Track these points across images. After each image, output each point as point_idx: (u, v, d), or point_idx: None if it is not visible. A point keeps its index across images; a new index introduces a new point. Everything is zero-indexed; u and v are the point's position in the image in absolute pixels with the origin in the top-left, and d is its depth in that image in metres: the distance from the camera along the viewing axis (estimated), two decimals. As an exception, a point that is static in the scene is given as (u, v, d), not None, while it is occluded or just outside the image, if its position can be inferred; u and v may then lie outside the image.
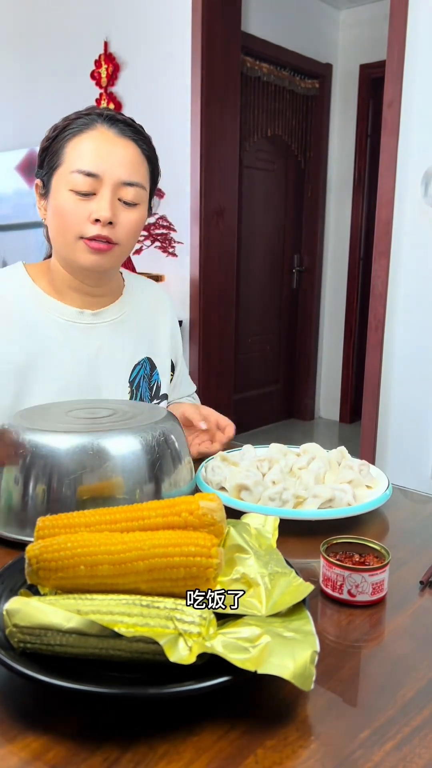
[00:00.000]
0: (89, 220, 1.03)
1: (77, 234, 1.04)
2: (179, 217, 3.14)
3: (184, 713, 0.54)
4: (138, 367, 1.21)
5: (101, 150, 1.03)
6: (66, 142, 1.04)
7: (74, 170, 1.02)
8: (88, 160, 1.02)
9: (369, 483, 0.98)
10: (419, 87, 2.34)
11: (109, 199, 1.03)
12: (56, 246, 1.09)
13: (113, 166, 1.03)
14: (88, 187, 1.02)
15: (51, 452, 0.80)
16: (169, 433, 0.88)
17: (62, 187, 1.03)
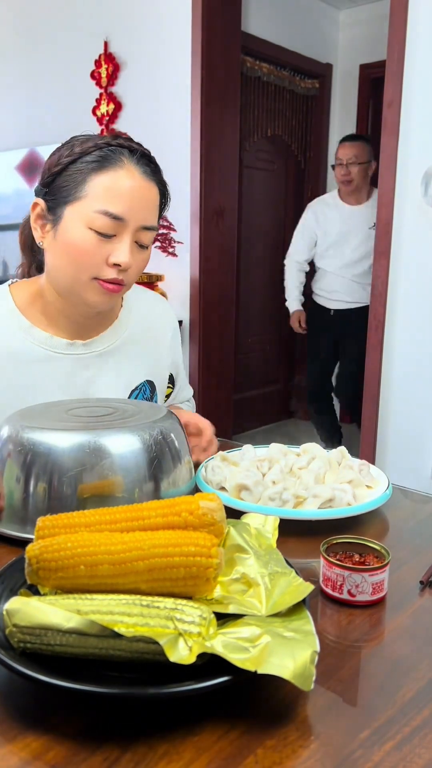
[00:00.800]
0: (107, 263, 0.99)
1: (92, 274, 1.00)
2: (179, 217, 3.14)
3: (184, 713, 0.54)
4: (136, 392, 1.17)
5: (131, 193, 0.97)
6: (89, 174, 0.97)
7: (100, 210, 0.96)
8: (117, 203, 0.96)
9: (369, 483, 0.98)
10: (419, 87, 2.34)
11: (129, 244, 0.99)
12: (61, 279, 1.03)
13: (139, 211, 0.99)
14: (110, 229, 0.97)
15: (51, 450, 0.81)
16: (168, 431, 0.88)
17: (80, 222, 0.97)
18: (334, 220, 3.28)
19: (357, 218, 3.25)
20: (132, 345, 1.17)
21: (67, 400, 1.01)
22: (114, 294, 1.03)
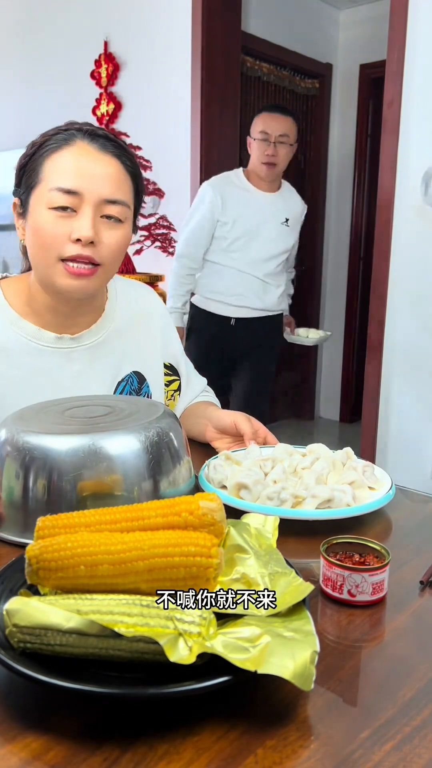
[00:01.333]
0: (70, 240, 0.98)
1: (57, 255, 0.99)
2: (179, 217, 3.14)
3: (184, 713, 0.54)
4: (123, 384, 1.17)
5: (81, 166, 0.98)
6: (44, 159, 0.99)
7: (53, 188, 0.97)
8: (67, 176, 0.97)
9: (373, 484, 0.98)
10: (419, 87, 2.34)
11: (90, 217, 0.98)
12: (35, 268, 1.04)
13: (95, 183, 0.98)
14: (68, 203, 0.97)
15: (48, 455, 0.80)
16: (166, 431, 0.87)
17: (41, 205, 0.99)
18: (246, 207, 2.59)
19: (270, 208, 2.63)
20: (119, 337, 1.17)
21: (62, 399, 0.99)
22: (84, 277, 1.01)
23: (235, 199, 2.58)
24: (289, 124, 2.57)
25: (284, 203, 2.67)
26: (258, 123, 2.57)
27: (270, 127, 2.53)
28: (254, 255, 2.61)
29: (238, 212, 2.58)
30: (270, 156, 2.54)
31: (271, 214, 2.63)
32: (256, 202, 2.61)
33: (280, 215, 2.65)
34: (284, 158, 2.58)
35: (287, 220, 2.65)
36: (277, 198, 2.66)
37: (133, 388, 1.19)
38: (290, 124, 2.57)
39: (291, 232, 2.69)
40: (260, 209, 2.61)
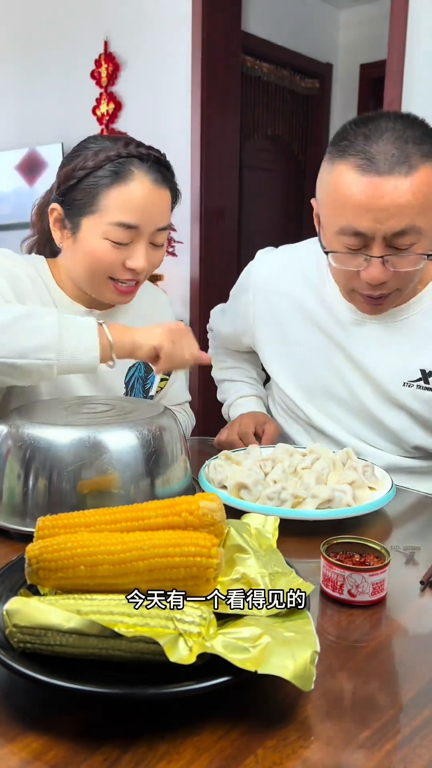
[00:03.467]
0: (123, 266, 1.05)
1: (108, 275, 1.06)
2: (179, 217, 3.14)
3: (184, 713, 0.54)
4: (132, 369, 1.22)
5: (143, 203, 1.02)
6: (102, 189, 1.02)
7: (115, 223, 1.02)
8: (130, 214, 1.02)
9: (373, 484, 0.98)
10: (419, 87, 2.34)
11: (144, 249, 1.05)
12: (79, 278, 1.10)
13: (151, 217, 1.04)
14: (126, 238, 1.03)
15: (50, 445, 0.82)
16: (165, 428, 0.89)
17: (97, 234, 1.03)
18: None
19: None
20: (136, 323, 1.17)
21: (65, 397, 1.03)
22: (130, 294, 1.10)
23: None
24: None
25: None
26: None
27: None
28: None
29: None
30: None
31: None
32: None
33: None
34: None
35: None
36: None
37: (140, 375, 1.23)
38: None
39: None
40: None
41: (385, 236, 0.93)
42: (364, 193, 0.92)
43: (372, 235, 0.93)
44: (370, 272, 0.96)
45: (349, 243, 0.96)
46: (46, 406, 0.94)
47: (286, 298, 1.21)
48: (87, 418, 0.88)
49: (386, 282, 0.98)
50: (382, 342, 1.11)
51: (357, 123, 0.97)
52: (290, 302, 1.21)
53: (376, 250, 0.95)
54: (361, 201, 0.92)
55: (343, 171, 0.94)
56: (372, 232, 0.93)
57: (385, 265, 0.96)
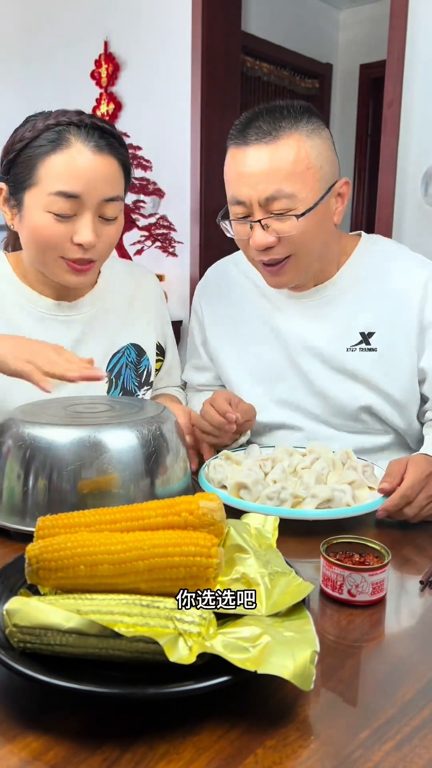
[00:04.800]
0: (71, 243, 1.00)
1: (58, 254, 1.01)
2: (179, 217, 3.14)
3: (184, 713, 0.54)
4: (118, 355, 1.18)
5: (79, 170, 0.97)
6: (38, 159, 0.98)
7: (52, 192, 0.97)
8: (70, 182, 0.97)
9: (372, 484, 0.98)
10: (419, 87, 2.34)
11: (91, 221, 0.99)
12: (32, 259, 1.06)
13: (94, 186, 0.98)
14: (68, 209, 0.98)
15: (50, 445, 0.82)
16: (165, 428, 0.89)
17: (38, 207, 0.99)
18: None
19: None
20: (115, 311, 1.19)
21: (65, 397, 1.02)
22: (84, 272, 1.05)
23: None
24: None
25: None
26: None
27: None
28: None
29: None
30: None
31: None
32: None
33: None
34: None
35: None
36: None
37: (131, 359, 1.20)
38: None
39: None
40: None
41: (259, 201, 1.02)
42: (235, 164, 1.04)
43: (249, 201, 1.03)
44: (254, 237, 1.05)
45: (236, 212, 1.06)
46: (46, 406, 0.94)
47: (227, 293, 1.28)
48: (87, 417, 0.88)
49: (274, 247, 1.05)
50: (314, 317, 1.17)
51: (246, 113, 1.08)
52: (231, 294, 1.27)
53: (255, 215, 1.04)
54: (234, 172, 1.04)
55: (228, 152, 1.07)
56: (248, 198, 1.03)
57: (266, 230, 1.03)
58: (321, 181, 1.04)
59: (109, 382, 1.17)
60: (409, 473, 0.90)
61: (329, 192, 1.06)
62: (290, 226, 1.02)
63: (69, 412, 0.91)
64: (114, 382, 1.18)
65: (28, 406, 0.93)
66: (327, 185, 1.05)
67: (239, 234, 1.09)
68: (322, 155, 1.03)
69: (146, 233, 3.09)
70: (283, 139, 1.00)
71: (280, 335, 1.19)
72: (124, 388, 1.19)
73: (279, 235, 1.03)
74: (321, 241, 1.09)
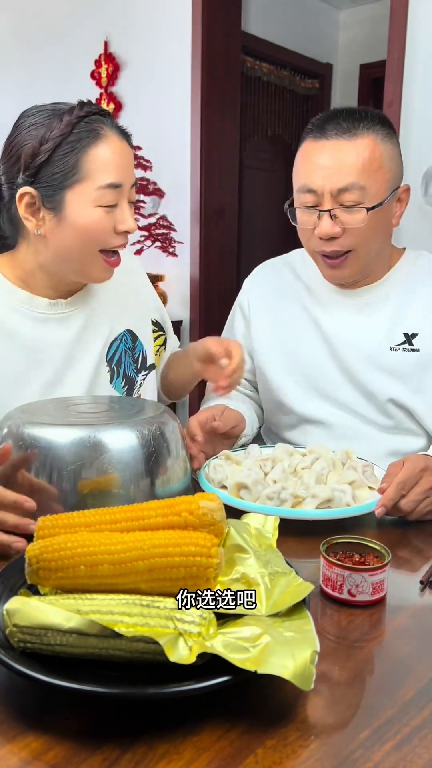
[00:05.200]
0: (114, 232, 1.02)
1: (100, 247, 1.03)
2: (179, 217, 3.14)
3: (184, 713, 0.54)
4: (116, 343, 1.18)
5: (121, 159, 1.00)
6: (80, 154, 0.97)
7: (103, 185, 0.98)
8: (115, 173, 0.99)
9: (372, 484, 0.98)
10: (419, 87, 2.34)
11: (129, 210, 1.03)
12: (66, 259, 1.04)
13: (128, 173, 1.02)
14: (115, 200, 1.00)
15: (51, 445, 0.82)
16: (165, 428, 0.89)
17: (88, 203, 0.98)
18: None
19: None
20: (108, 299, 1.19)
21: (65, 397, 1.02)
22: (117, 266, 1.07)
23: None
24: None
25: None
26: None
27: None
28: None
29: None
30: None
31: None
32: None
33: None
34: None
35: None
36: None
37: (128, 346, 1.20)
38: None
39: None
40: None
41: (332, 192, 1.07)
42: (312, 155, 1.09)
43: (321, 191, 1.08)
44: (321, 225, 1.09)
45: (305, 200, 1.10)
46: (46, 406, 0.94)
47: (274, 289, 1.31)
48: (87, 417, 0.88)
49: (337, 239, 1.09)
50: (360, 316, 1.21)
51: (324, 112, 1.14)
52: (277, 291, 1.31)
53: (325, 205, 1.08)
54: (310, 162, 1.09)
55: (303, 144, 1.12)
56: (321, 188, 1.07)
57: (334, 220, 1.08)
58: (389, 182, 1.10)
59: (111, 371, 1.16)
60: (404, 469, 0.91)
61: (394, 194, 1.11)
62: (359, 219, 1.07)
63: (69, 412, 0.91)
64: (116, 370, 1.17)
65: (28, 406, 0.93)
66: (393, 187, 1.11)
67: (304, 223, 1.12)
68: (392, 159, 1.10)
69: (146, 233, 3.09)
70: (361, 137, 1.06)
71: (324, 332, 1.23)
72: (126, 375, 1.18)
73: (345, 226, 1.08)
74: (381, 239, 1.14)
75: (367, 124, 1.07)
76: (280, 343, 1.27)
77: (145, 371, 1.22)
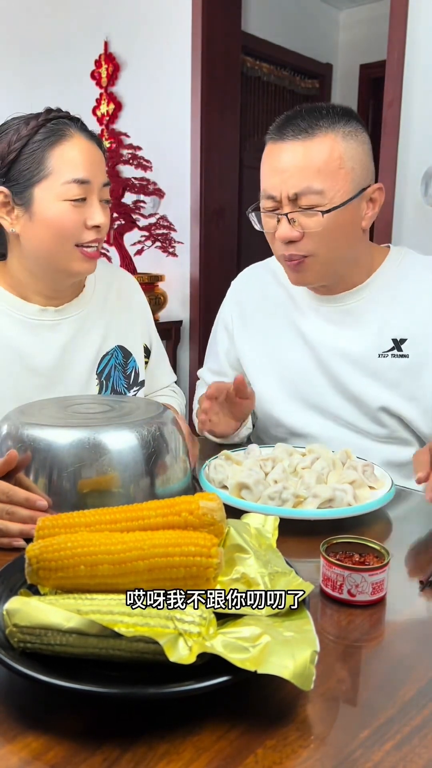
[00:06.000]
0: (85, 227, 1.05)
1: (74, 242, 1.06)
2: (179, 217, 3.14)
3: (184, 713, 0.54)
4: (107, 357, 1.20)
5: (87, 157, 1.04)
6: (45, 152, 1.02)
7: (68, 180, 1.02)
8: (80, 168, 1.03)
9: (373, 484, 0.98)
10: (419, 87, 2.34)
11: (99, 205, 1.06)
12: (45, 256, 1.07)
13: (96, 172, 1.06)
14: (81, 194, 1.04)
15: (50, 446, 0.82)
16: (165, 428, 0.89)
17: (53, 198, 1.03)
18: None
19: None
20: (102, 312, 1.21)
21: (65, 397, 1.02)
22: (95, 258, 1.10)
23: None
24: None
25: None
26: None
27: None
28: None
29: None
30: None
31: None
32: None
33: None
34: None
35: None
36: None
37: (119, 361, 1.22)
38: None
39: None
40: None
41: (288, 196, 1.04)
42: (270, 159, 1.07)
43: (279, 195, 1.05)
44: (279, 229, 1.07)
45: (266, 205, 1.09)
46: (46, 406, 0.94)
47: (257, 298, 1.29)
48: (87, 418, 0.88)
49: (297, 242, 1.07)
50: (345, 322, 1.18)
51: (286, 112, 1.11)
52: (260, 299, 1.29)
53: (284, 209, 1.06)
54: (268, 166, 1.07)
55: (266, 147, 1.09)
56: (278, 191, 1.05)
57: (293, 224, 1.05)
58: (352, 182, 1.05)
59: (100, 384, 1.19)
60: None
61: (360, 195, 1.06)
62: (315, 222, 1.04)
63: (69, 412, 0.91)
64: (104, 384, 1.20)
65: (27, 407, 0.93)
66: (358, 188, 1.06)
67: (267, 227, 1.11)
68: (355, 158, 1.04)
69: (146, 233, 3.09)
70: (319, 137, 1.03)
71: (308, 340, 1.20)
72: (114, 389, 1.20)
73: (304, 230, 1.06)
74: (346, 242, 1.09)
75: (327, 122, 1.03)
76: (266, 354, 1.25)
77: (136, 387, 1.24)
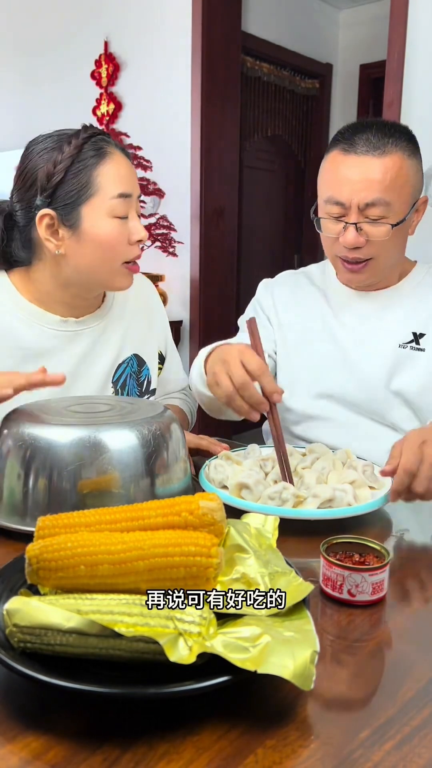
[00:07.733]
0: (130, 243, 1.08)
1: (123, 259, 1.08)
2: (179, 217, 3.14)
3: (184, 713, 0.54)
4: (123, 366, 1.22)
5: (127, 172, 1.08)
6: (91, 170, 1.04)
7: (114, 196, 1.04)
8: (125, 184, 1.06)
9: (373, 484, 0.98)
10: (419, 87, 2.34)
11: (138, 219, 1.09)
12: (86, 271, 1.08)
13: (135, 184, 1.09)
14: (126, 211, 1.06)
15: (51, 445, 0.82)
16: (165, 428, 0.89)
17: (102, 214, 1.05)
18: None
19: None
20: (120, 321, 1.22)
21: (65, 397, 1.02)
22: (136, 273, 1.13)
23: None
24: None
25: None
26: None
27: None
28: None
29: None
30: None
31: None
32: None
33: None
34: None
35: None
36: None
37: (133, 370, 1.24)
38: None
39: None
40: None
41: (359, 205, 1.11)
42: (343, 169, 1.12)
43: (348, 204, 1.11)
44: (346, 236, 1.13)
45: (331, 211, 1.14)
46: (46, 406, 0.94)
47: (291, 292, 1.36)
48: (87, 418, 0.88)
49: (361, 248, 1.14)
50: (373, 316, 1.26)
51: (353, 123, 1.18)
52: (294, 295, 1.35)
53: (351, 218, 1.12)
54: (341, 175, 1.12)
55: (332, 154, 1.15)
56: (348, 201, 1.11)
57: (359, 232, 1.12)
58: (411, 196, 1.15)
59: (115, 392, 1.21)
60: (404, 448, 0.89)
61: (414, 206, 1.16)
62: (383, 232, 1.12)
63: (69, 412, 0.91)
64: (119, 392, 1.21)
65: (28, 406, 0.93)
66: (414, 200, 1.16)
67: (329, 231, 1.17)
68: (416, 175, 1.15)
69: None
70: (390, 155, 1.11)
71: (336, 334, 1.27)
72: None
73: (369, 238, 1.13)
74: (400, 249, 1.21)
75: (395, 141, 1.12)
76: (295, 341, 1.31)
77: (148, 395, 1.26)
